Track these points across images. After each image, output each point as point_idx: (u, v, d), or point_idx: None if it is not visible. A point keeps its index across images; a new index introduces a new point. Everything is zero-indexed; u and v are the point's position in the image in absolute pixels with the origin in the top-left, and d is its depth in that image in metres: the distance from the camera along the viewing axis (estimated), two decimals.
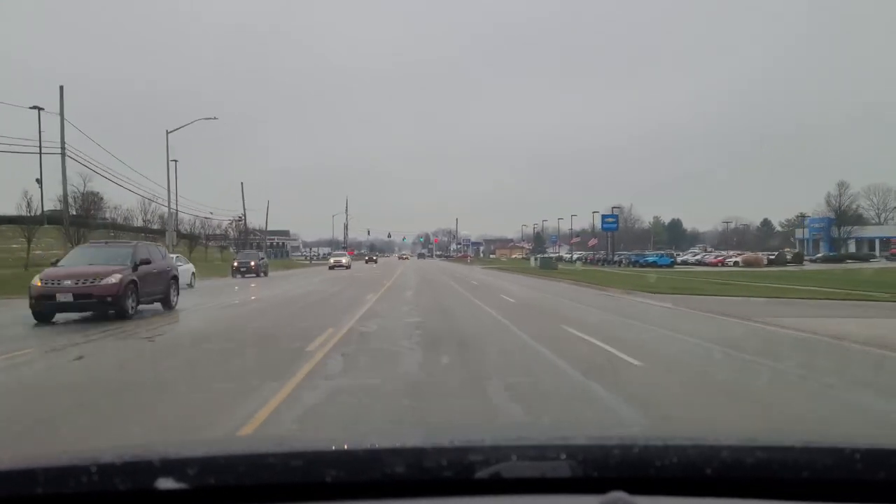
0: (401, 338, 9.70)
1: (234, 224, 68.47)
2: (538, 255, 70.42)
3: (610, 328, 11.67)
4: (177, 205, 50.44)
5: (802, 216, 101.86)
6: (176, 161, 68.87)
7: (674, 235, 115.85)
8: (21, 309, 12.83)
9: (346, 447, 1.35)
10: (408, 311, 14.49)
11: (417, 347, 8.76)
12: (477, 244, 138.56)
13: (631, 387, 6.26)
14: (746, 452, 1.27)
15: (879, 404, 5.95)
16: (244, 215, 67.75)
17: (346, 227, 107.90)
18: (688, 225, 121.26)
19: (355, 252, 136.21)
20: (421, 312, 14.05)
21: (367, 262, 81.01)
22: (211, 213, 63.30)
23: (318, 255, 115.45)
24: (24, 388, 6.49)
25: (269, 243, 78.48)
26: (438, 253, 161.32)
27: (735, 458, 1.25)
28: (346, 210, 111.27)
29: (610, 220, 71.38)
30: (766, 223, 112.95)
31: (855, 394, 6.40)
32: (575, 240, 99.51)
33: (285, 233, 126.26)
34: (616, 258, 66.81)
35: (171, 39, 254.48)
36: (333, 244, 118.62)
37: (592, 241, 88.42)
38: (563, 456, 1.23)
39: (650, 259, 60.89)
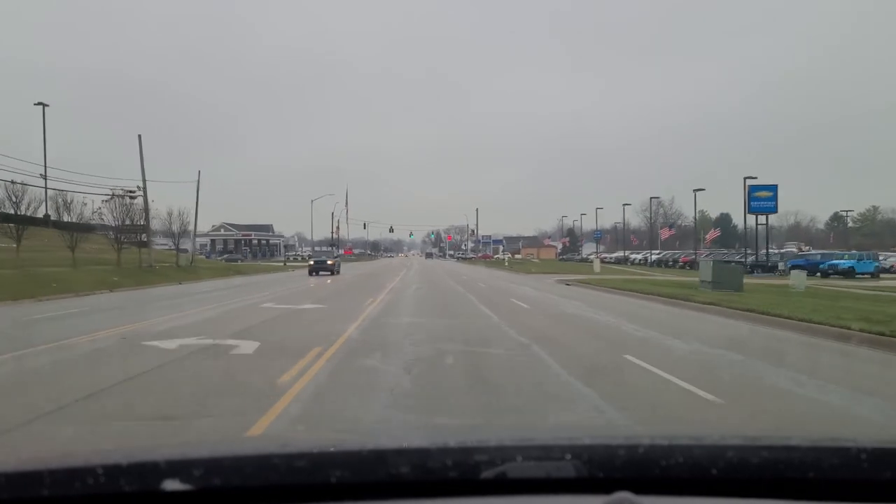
0: None
1: (115, 201, 41.52)
2: (700, 258, 46.78)
3: None
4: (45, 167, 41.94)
5: (875, 208, 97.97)
6: (44, 104, 56.19)
7: (724, 233, 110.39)
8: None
9: (350, 448, 1.50)
10: None
11: None
12: (498, 242, 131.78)
13: None
14: (752, 452, 1.40)
15: None
16: (142, 188, 42.07)
17: (334, 215, 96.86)
18: (738, 220, 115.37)
19: (353, 252, 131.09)
20: None
21: (314, 272, 45.92)
22: (41, 174, 43.38)
23: (310, 254, 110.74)
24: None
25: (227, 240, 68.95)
26: (451, 252, 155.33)
27: (741, 458, 1.38)
28: (346, 202, 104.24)
29: (763, 194, 46.10)
30: (837, 218, 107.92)
31: None
32: (668, 233, 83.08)
33: (266, 227, 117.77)
34: (767, 261, 46.22)
35: (169, 35, 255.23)
36: (323, 243, 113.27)
37: (713, 234, 79.50)
38: (569, 456, 1.36)
39: (842, 264, 41.71)
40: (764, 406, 6.89)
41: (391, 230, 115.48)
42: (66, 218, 42.64)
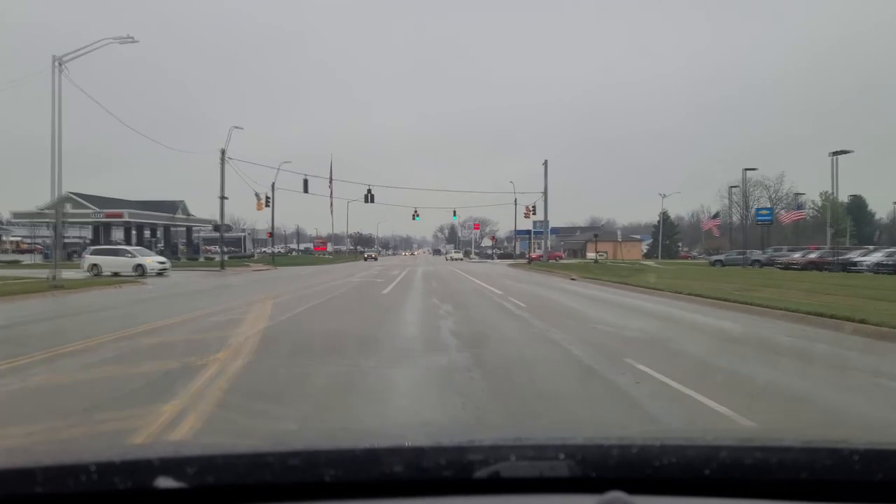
0: None
1: None
2: None
3: None
4: None
5: None
6: None
7: (857, 221, 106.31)
8: None
9: (344, 446, 1.83)
10: None
11: None
12: (554, 231, 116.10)
13: None
14: (745, 453, 1.73)
15: None
16: None
17: (225, 155, 66.59)
18: (874, 206, 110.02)
19: (327, 248, 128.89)
20: None
21: None
22: None
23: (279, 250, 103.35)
24: None
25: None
26: (476, 251, 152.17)
27: (734, 459, 1.71)
28: (330, 179, 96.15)
29: None
30: None
31: None
32: (796, 217, 74.84)
33: (168, 205, 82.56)
34: None
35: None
36: (324, 239, 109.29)
37: None
38: (562, 456, 1.69)
39: None
40: None
41: (369, 197, 76.60)
42: None
